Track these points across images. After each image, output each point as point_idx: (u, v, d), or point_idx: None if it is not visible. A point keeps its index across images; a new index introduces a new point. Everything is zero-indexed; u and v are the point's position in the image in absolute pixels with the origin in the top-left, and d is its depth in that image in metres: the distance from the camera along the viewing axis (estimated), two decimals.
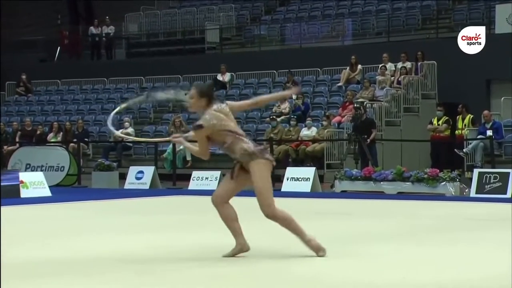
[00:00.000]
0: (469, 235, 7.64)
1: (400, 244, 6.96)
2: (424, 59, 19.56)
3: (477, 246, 6.86)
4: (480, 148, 16.04)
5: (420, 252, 6.45)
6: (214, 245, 6.91)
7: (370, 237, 7.51)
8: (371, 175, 13.94)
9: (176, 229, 8.40)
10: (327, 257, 6.16)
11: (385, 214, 10.34)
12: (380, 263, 5.89)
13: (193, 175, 16.01)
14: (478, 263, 5.84)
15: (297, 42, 23.69)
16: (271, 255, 6.38)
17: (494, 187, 12.69)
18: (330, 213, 10.42)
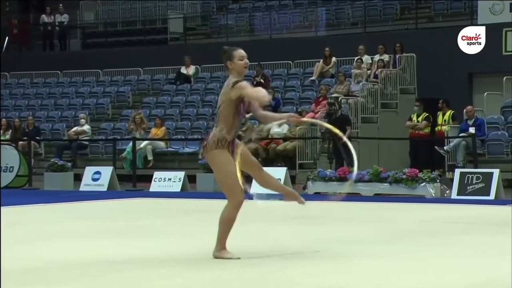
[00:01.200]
0: (451, 240, 7.71)
1: (377, 250, 7.00)
2: (403, 51, 19.72)
3: (459, 251, 6.93)
4: (462, 146, 16.21)
5: (398, 258, 6.49)
6: (177, 253, 6.88)
7: (346, 242, 7.54)
8: (346, 176, 14.00)
9: (135, 235, 8.35)
10: (298, 263, 6.18)
11: (361, 217, 10.39)
12: (357, 270, 5.92)
13: (154, 176, 15.94)
14: (461, 269, 5.89)
15: (267, 33, 23.71)
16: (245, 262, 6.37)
17: (477, 188, 12.84)
18: (303, 216, 10.45)
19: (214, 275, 5.75)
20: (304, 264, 6.20)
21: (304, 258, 6.52)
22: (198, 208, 11.98)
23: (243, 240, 7.59)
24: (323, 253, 6.81)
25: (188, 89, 22.38)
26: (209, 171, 15.61)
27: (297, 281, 5.54)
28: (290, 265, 6.19)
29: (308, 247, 7.12)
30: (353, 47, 20.13)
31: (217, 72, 22.74)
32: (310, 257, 6.60)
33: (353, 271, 5.86)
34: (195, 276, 5.70)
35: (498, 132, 16.47)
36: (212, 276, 5.69)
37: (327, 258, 6.53)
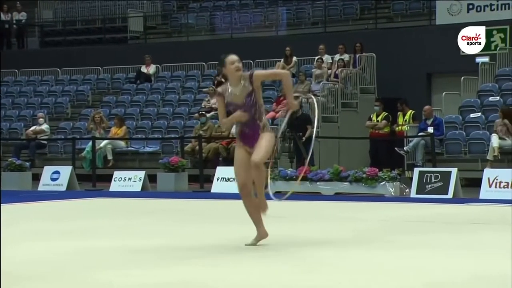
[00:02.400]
0: (410, 238, 7.78)
1: (337, 249, 7.03)
2: (363, 51, 19.86)
3: (417, 250, 6.99)
4: (421, 146, 16.39)
5: (358, 257, 6.53)
6: (136, 253, 6.84)
7: (307, 242, 7.56)
8: (307, 175, 14.05)
9: (94, 235, 8.27)
10: (261, 262, 6.18)
11: (321, 216, 10.44)
12: (315, 269, 5.94)
13: (114, 176, 15.83)
14: (419, 269, 5.95)
15: (228, 32, 23.70)
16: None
17: (435, 187, 12.98)
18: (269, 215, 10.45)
19: (174, 274, 5.72)
20: (261, 263, 6.20)
21: (262, 257, 6.52)
22: (158, 208, 11.92)
23: (184, 239, 7.57)
24: (280, 253, 6.82)
25: (148, 88, 22.26)
26: (170, 170, 15.60)
27: (228, 279, 5.55)
28: (243, 267, 6.19)
29: (266, 247, 7.12)
30: (313, 47, 20.22)
31: (178, 71, 22.66)
32: (268, 256, 6.60)
33: (313, 271, 5.88)
34: (153, 276, 5.67)
35: (456, 132, 16.68)
36: (171, 276, 5.67)
37: (283, 258, 6.55)
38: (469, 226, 8.90)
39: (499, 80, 18.10)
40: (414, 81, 20.19)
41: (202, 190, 15.38)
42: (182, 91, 21.85)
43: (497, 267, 5.88)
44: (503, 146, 15.64)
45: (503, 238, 7.64)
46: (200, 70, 22.38)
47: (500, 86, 17.84)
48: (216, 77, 21.14)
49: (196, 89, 21.69)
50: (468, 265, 6.05)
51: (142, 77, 22.52)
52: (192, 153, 18.19)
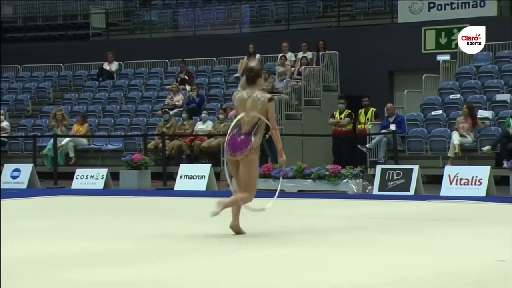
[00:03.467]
0: (372, 236, 7.85)
1: (298, 247, 7.07)
2: (326, 49, 19.96)
3: (380, 247, 7.06)
4: (383, 143, 16.53)
5: (320, 255, 6.58)
6: (97, 251, 6.81)
7: (268, 240, 7.59)
8: (270, 173, 14.09)
9: (55, 233, 8.21)
10: (215, 259, 6.20)
11: (283, 214, 10.49)
12: (274, 265, 5.97)
13: (76, 173, 15.71)
14: (384, 266, 6.00)
15: (191, 29, 23.64)
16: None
17: (397, 184, 13.11)
18: (226, 213, 10.47)
19: (138, 272, 5.71)
20: (216, 260, 6.21)
21: (219, 254, 6.53)
22: (121, 206, 11.86)
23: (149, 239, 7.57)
24: (242, 250, 6.84)
25: (111, 85, 22.12)
26: (133, 168, 15.53)
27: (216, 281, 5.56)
28: (200, 264, 6.20)
29: (223, 243, 7.14)
30: (277, 44, 20.27)
31: (141, 68, 22.55)
32: (226, 252, 6.62)
33: (273, 269, 5.90)
34: (117, 274, 5.65)
35: (418, 129, 16.86)
36: (135, 274, 5.65)
37: (245, 254, 6.57)
38: (430, 222, 9.01)
39: (459, 78, 18.34)
40: (377, 79, 20.35)
41: (165, 187, 15.33)
42: (145, 88, 21.74)
43: (458, 264, 5.96)
44: (464, 144, 15.85)
45: (464, 235, 7.76)
46: (163, 67, 22.30)
47: (461, 84, 18.08)
48: (179, 74, 21.09)
49: (159, 86, 21.60)
50: (430, 261, 6.12)
51: (105, 74, 22.36)
52: (155, 151, 18.12)
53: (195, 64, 21.89)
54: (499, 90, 17.41)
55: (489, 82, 17.78)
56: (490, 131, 16.03)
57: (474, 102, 16.80)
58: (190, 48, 22.10)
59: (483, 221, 9.16)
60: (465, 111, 15.98)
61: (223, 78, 21.19)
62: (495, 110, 16.82)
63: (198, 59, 21.81)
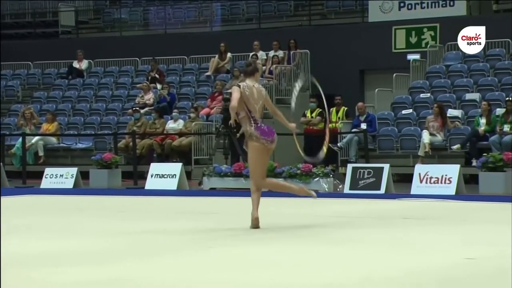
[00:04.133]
0: (342, 234, 7.89)
1: (269, 245, 7.08)
2: (297, 47, 20.01)
3: (350, 246, 7.10)
4: (354, 142, 16.61)
5: (290, 253, 6.60)
6: (72, 250, 6.77)
7: (239, 238, 7.60)
8: (242, 171, 14.10)
9: (24, 233, 8.14)
10: (185, 257, 6.19)
11: None
12: (247, 264, 5.98)
13: (46, 173, 15.58)
14: (354, 264, 6.03)
15: (162, 27, 23.57)
16: None
17: (368, 183, 13.18)
18: (197, 212, 10.46)
19: (107, 272, 5.69)
20: (187, 258, 6.22)
21: (188, 252, 6.53)
22: (91, 205, 11.80)
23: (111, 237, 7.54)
24: (213, 248, 6.84)
25: (80, 83, 21.97)
26: (103, 167, 15.45)
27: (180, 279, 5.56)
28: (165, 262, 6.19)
29: (194, 242, 7.13)
30: (248, 43, 20.28)
31: (111, 66, 22.43)
32: (196, 251, 6.62)
33: (243, 268, 5.91)
34: (86, 274, 5.63)
35: (389, 128, 16.97)
36: (104, 273, 5.63)
37: (216, 253, 6.56)
38: (401, 221, 9.08)
39: (429, 77, 18.48)
40: (348, 77, 20.45)
41: (136, 186, 15.27)
42: (115, 87, 21.64)
43: (427, 262, 6.01)
44: (434, 142, 15.99)
45: (434, 233, 7.83)
46: (134, 65, 22.20)
47: (431, 83, 18.22)
48: (150, 72, 21.01)
49: (130, 84, 21.50)
50: (400, 260, 6.17)
51: (74, 73, 22.20)
52: (125, 150, 18.04)
53: (166, 62, 21.82)
54: (469, 89, 17.58)
55: (459, 81, 17.95)
56: (460, 130, 16.18)
57: (444, 101, 16.96)
58: (161, 47, 22.01)
59: (453, 220, 9.24)
60: (436, 110, 16.11)
61: (194, 77, 21.14)
62: (465, 109, 16.99)
63: (169, 57, 21.74)
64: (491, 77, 17.79)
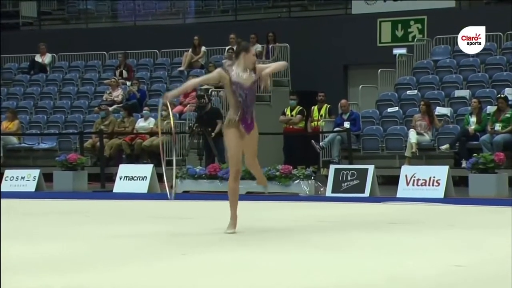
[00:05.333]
0: (323, 239, 7.92)
1: (246, 251, 7.11)
2: (276, 41, 20.05)
3: (332, 251, 7.13)
4: (337, 141, 16.67)
5: (268, 259, 6.62)
6: (32, 256, 6.74)
7: (214, 244, 7.61)
8: (217, 173, 14.10)
9: None
10: (158, 264, 6.19)
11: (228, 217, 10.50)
12: (225, 270, 5.99)
13: (5, 175, 15.50)
14: (335, 270, 6.06)
15: (131, 19, 23.51)
16: None
17: (352, 185, 13.24)
18: (169, 217, 10.46)
19: (70, 279, 5.68)
20: (160, 264, 6.23)
21: (158, 258, 6.54)
22: (55, 210, 11.75)
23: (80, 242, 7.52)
24: (184, 255, 6.85)
25: (43, 79, 21.86)
26: (68, 168, 15.38)
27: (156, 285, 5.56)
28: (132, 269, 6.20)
29: (151, 247, 7.13)
30: (223, 36, 20.29)
31: (76, 61, 22.34)
32: (166, 257, 6.63)
33: (219, 273, 5.92)
34: (47, 281, 5.61)
35: (373, 127, 17.06)
36: (66, 281, 5.62)
37: (190, 259, 6.58)
38: (386, 226, 9.13)
39: (416, 73, 18.61)
40: (330, 73, 20.52)
41: (103, 190, 15.23)
42: (81, 83, 21.55)
43: (413, 269, 6.06)
44: (421, 142, 16.10)
45: (421, 238, 7.88)
46: (101, 60, 22.12)
47: (418, 79, 18.34)
48: (118, 67, 20.95)
49: (97, 80, 21.43)
50: (384, 266, 6.21)
51: (37, 67, 22.09)
52: (92, 150, 17.99)
53: (135, 56, 21.77)
54: (458, 86, 17.72)
55: (448, 77, 18.09)
56: (449, 129, 16.31)
57: (432, 99, 17.08)
58: (131, 40, 21.96)
59: (441, 224, 9.32)
60: (423, 108, 16.22)
61: (166, 72, 21.12)
62: (454, 107, 17.12)
63: (139, 51, 21.69)
64: (481, 73, 17.95)
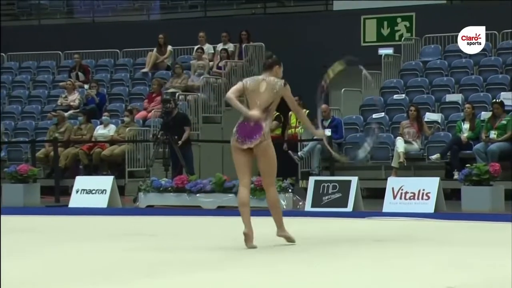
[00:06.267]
0: (301, 257, 7.93)
1: (214, 271, 7.10)
2: (250, 40, 20.08)
3: (309, 270, 7.15)
4: (317, 151, 16.71)
5: (237, 279, 6.62)
6: None
7: (178, 263, 7.60)
8: (185, 186, 14.08)
9: None
10: (118, 286, 6.17)
11: (200, 234, 10.50)
12: None
13: None
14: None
15: (89, 15, 23.44)
16: None
17: (333, 199, 13.28)
18: (131, 234, 10.42)
19: None
20: None
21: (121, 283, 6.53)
22: (3, 227, 11.64)
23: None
24: (145, 278, 6.84)
25: None
26: (18, 181, 15.27)
27: None
28: None
29: (125, 270, 7.12)
30: (192, 34, 20.28)
31: (28, 61, 22.23)
32: (127, 281, 6.61)
33: None
34: None
35: (357, 134, 17.12)
36: None
37: (150, 285, 6.57)
38: (370, 244, 9.16)
39: (404, 75, 18.71)
40: (309, 75, 20.49)
41: (58, 204, 15.15)
42: (33, 86, 21.45)
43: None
44: (409, 151, 16.18)
45: (408, 258, 7.92)
46: (56, 60, 22.03)
47: (406, 82, 18.44)
48: (72, 69, 20.86)
49: (51, 83, 21.33)
50: (367, 287, 6.23)
51: None
52: (45, 160, 17.88)
53: (93, 56, 21.70)
54: (449, 90, 17.84)
55: (438, 80, 18.21)
56: (439, 137, 16.41)
57: (421, 103, 17.18)
58: (88, 38, 21.89)
59: (431, 242, 9.36)
60: (412, 113, 16.30)
61: (128, 74, 21.07)
62: (445, 112, 17.23)
63: (98, 51, 21.63)
64: (475, 76, 18.09)
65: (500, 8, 18.86)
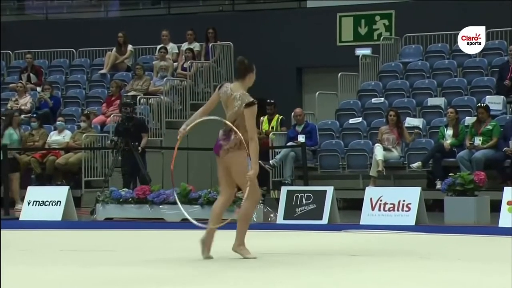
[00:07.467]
0: (271, 274, 7.94)
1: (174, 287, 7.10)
2: (217, 39, 20.09)
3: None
4: (290, 158, 16.74)
5: None
6: None
7: (139, 280, 7.58)
8: (147, 197, 14.05)
9: None
10: None
11: (163, 249, 10.48)
12: None
13: None
14: None
15: (42, 12, 23.34)
16: None
17: (307, 211, 13.30)
18: (87, 250, 10.37)
19: None
20: None
21: None
22: None
23: None
24: None
25: None
26: None
27: None
28: None
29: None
30: (154, 33, 20.26)
31: None
32: None
33: None
34: None
35: (333, 141, 17.17)
36: None
37: None
38: (347, 258, 9.18)
39: (383, 78, 18.80)
40: (281, 77, 20.63)
41: (7, 217, 15.05)
42: None
43: None
44: (389, 159, 16.25)
45: (387, 274, 7.95)
46: (6, 60, 21.90)
47: (385, 84, 18.54)
48: (24, 70, 20.75)
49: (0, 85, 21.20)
50: None
51: None
52: None
53: (47, 56, 21.60)
54: (431, 93, 17.95)
55: (419, 82, 18.32)
56: (421, 143, 16.50)
57: (401, 108, 17.27)
58: (41, 36, 21.79)
59: (412, 256, 9.40)
60: (391, 118, 16.36)
61: (84, 75, 20.99)
62: (427, 117, 17.33)
63: (51, 50, 21.54)
64: (458, 78, 18.22)
65: (486, 6, 19.00)
